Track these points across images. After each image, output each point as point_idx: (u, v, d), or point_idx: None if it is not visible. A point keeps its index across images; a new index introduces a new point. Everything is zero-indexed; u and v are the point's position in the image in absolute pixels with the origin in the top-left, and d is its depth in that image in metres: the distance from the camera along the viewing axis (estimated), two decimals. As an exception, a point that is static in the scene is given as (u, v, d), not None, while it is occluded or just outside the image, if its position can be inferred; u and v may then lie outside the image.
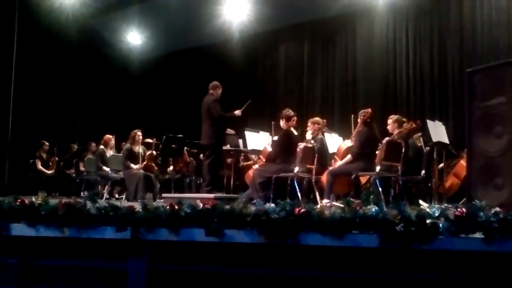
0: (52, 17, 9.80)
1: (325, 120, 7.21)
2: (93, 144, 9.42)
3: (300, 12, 10.27)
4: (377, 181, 5.67)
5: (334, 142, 6.90)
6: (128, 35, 12.00)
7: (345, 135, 7.21)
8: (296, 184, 5.99)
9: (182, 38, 11.31)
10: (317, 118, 7.02)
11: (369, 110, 6.13)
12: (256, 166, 6.98)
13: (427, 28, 9.29)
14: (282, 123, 6.34)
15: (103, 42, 11.86)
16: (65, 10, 10.08)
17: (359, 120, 6.13)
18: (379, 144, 6.21)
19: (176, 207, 3.21)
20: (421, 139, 6.58)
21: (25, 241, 3.48)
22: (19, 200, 3.51)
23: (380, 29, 9.87)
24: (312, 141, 6.64)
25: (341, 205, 3.16)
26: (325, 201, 5.85)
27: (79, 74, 11.13)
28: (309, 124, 6.93)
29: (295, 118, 6.46)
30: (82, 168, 9.37)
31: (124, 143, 8.01)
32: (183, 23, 10.58)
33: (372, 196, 3.25)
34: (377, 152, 6.27)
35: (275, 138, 6.44)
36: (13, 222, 3.46)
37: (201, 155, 7.32)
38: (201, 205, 3.20)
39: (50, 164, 9.85)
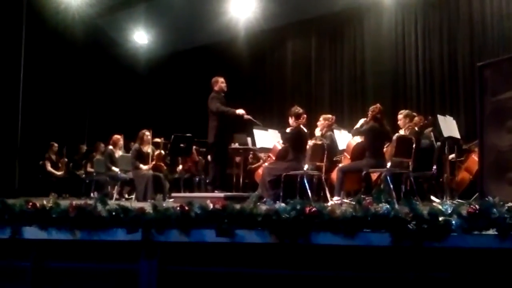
0: (59, 18, 9.84)
1: (334, 116, 7.18)
2: (102, 145, 9.45)
3: (306, 7, 10.21)
4: (388, 177, 5.62)
5: (344, 138, 6.86)
6: (134, 34, 12.02)
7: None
8: (306, 181, 5.96)
9: (189, 37, 11.31)
10: (328, 115, 7.04)
11: (378, 105, 6.07)
12: (266, 164, 6.95)
13: (436, 21, 9.20)
14: (291, 121, 6.27)
15: (110, 42, 11.89)
16: (71, 11, 10.10)
17: (368, 115, 6.07)
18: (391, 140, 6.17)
19: (187, 208, 3.20)
20: (432, 134, 6.52)
21: (38, 244, 3.49)
22: (30, 203, 3.52)
23: (389, 23, 9.78)
24: (322, 138, 6.62)
25: (352, 203, 3.14)
26: (335, 198, 5.83)
27: (86, 74, 11.18)
28: (321, 119, 6.93)
29: (305, 115, 6.41)
30: (91, 169, 9.41)
31: (132, 143, 8.02)
32: (189, 21, 10.58)
33: (383, 194, 3.21)
34: (386, 148, 6.24)
35: (288, 130, 6.36)
36: (25, 225, 3.47)
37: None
38: (211, 205, 3.19)
39: (60, 165, 9.90)
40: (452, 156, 6.60)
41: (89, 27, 10.76)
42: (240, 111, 6.50)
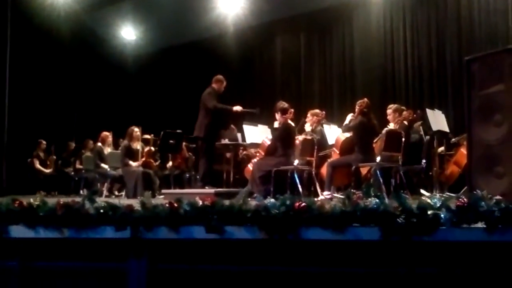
0: (45, 14, 9.72)
1: (324, 112, 7.19)
2: (91, 142, 9.39)
3: (295, 3, 10.21)
4: (377, 171, 5.65)
5: (334, 133, 6.88)
6: (122, 30, 11.91)
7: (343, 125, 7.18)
8: (296, 177, 5.96)
9: (177, 33, 11.23)
10: (316, 110, 7.03)
11: (365, 99, 6.09)
12: (255, 159, 6.95)
13: (424, 16, 9.24)
14: (277, 116, 6.25)
15: (97, 39, 11.77)
16: (58, 7, 9.99)
17: (356, 110, 6.08)
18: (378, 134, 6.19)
19: (175, 205, 3.18)
20: (421, 128, 6.56)
21: (25, 243, 3.45)
22: (17, 202, 3.47)
23: (377, 19, 9.81)
24: (312, 133, 6.63)
25: (342, 197, 3.14)
26: (325, 193, 5.85)
27: (73, 72, 11.06)
28: (308, 115, 6.92)
29: (292, 110, 6.41)
30: (80, 166, 9.34)
31: (121, 140, 7.97)
32: (177, 17, 10.51)
33: (372, 188, 3.22)
34: (375, 142, 6.26)
35: (276, 125, 6.35)
36: (12, 224, 3.42)
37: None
38: (200, 202, 3.17)
39: (48, 163, 9.83)
40: (441, 149, 6.64)
41: (75, 24, 10.63)
42: (237, 108, 6.52)
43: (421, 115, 6.56)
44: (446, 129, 6.33)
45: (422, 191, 6.31)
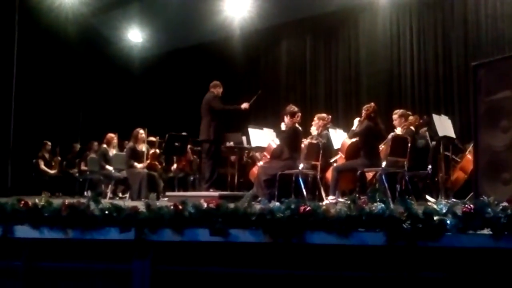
0: (52, 16, 9.77)
1: (330, 116, 7.18)
2: (96, 143, 9.41)
3: (302, 7, 10.20)
4: (383, 177, 5.62)
5: (339, 137, 6.86)
6: (128, 33, 11.94)
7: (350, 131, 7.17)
8: (301, 181, 5.94)
9: (183, 35, 11.25)
10: (323, 114, 7.03)
11: (372, 104, 6.08)
12: (261, 163, 6.94)
13: (431, 21, 9.22)
14: (286, 119, 6.30)
15: (104, 41, 11.82)
16: (65, 9, 10.04)
17: (362, 115, 6.07)
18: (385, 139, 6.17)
19: (180, 207, 3.18)
20: (427, 133, 6.53)
21: (30, 243, 3.45)
22: (22, 202, 3.48)
23: (383, 23, 9.79)
24: (318, 137, 6.62)
25: (347, 202, 3.13)
26: (330, 197, 5.83)
27: (80, 73, 11.10)
28: (315, 119, 6.92)
29: (299, 114, 6.42)
30: (84, 168, 9.36)
31: (126, 142, 7.98)
32: (184, 20, 10.53)
33: (378, 193, 3.20)
34: (382, 147, 6.24)
35: (283, 128, 6.36)
36: (17, 224, 3.43)
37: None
38: (205, 204, 3.17)
39: (53, 164, 9.85)
40: (446, 153, 6.61)
41: (82, 26, 10.68)
42: (245, 105, 6.68)
43: (427, 121, 6.54)
44: (452, 135, 6.30)
45: (428, 196, 6.28)
